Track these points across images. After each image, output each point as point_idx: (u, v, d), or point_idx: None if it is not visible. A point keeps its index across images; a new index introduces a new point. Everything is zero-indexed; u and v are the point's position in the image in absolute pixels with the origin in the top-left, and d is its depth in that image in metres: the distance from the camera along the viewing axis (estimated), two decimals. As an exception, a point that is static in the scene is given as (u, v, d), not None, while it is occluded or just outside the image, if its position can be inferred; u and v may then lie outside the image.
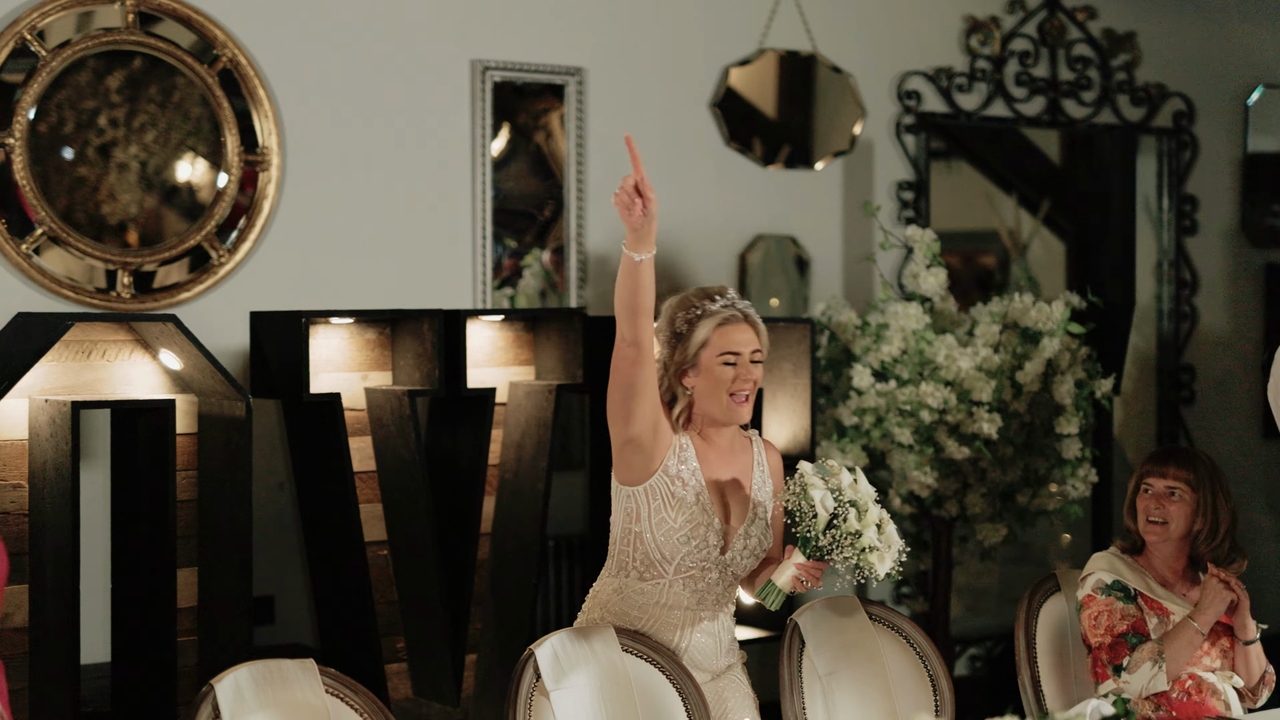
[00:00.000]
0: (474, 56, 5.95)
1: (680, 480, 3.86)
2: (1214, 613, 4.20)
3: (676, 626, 3.92)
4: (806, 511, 3.78)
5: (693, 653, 3.95)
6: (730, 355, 3.85)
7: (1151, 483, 4.37)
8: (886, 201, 6.76)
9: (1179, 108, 7.52)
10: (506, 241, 6.04)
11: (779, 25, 6.52)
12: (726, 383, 3.86)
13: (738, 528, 3.91)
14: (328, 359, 5.13)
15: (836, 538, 3.77)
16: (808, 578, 3.81)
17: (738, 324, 3.88)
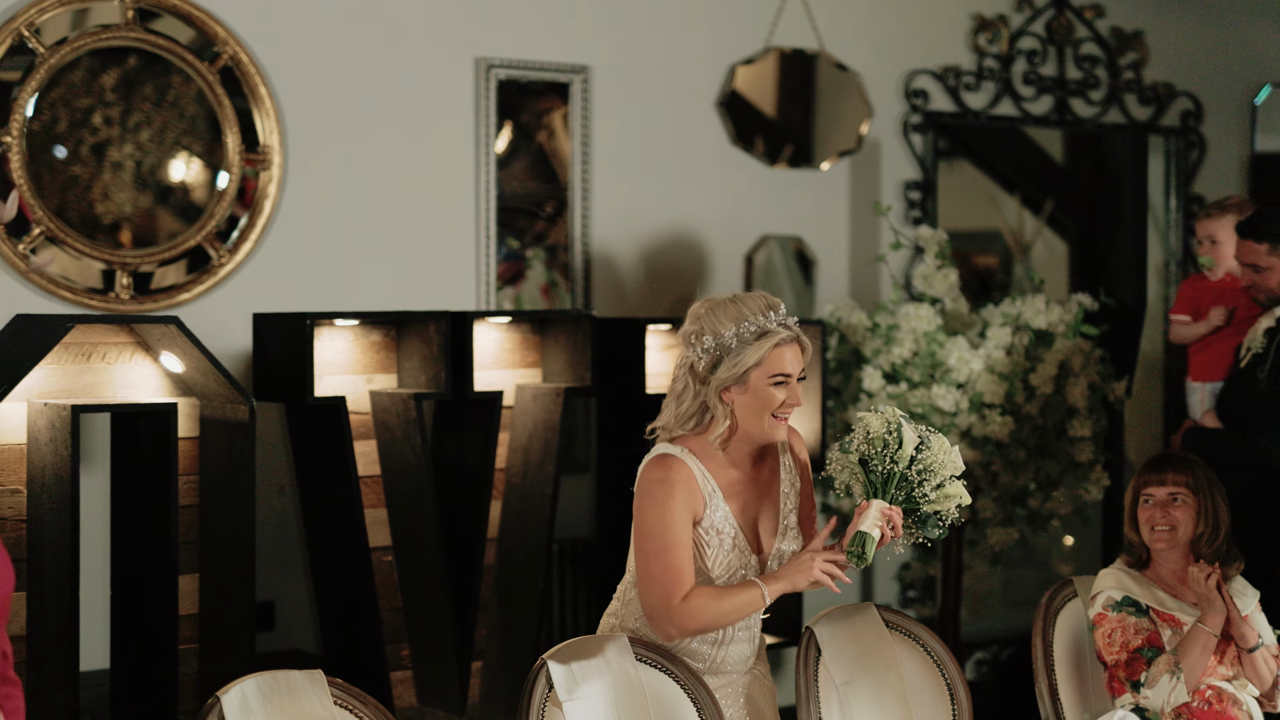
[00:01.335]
0: (478, 54, 5.88)
1: (715, 529, 3.77)
2: (1217, 611, 4.18)
3: (716, 639, 3.86)
4: (892, 442, 3.68)
5: (728, 660, 3.89)
6: (782, 377, 3.73)
7: (1152, 492, 4.36)
8: (893, 202, 6.69)
9: (1187, 107, 7.47)
10: (509, 242, 5.97)
11: (786, 23, 6.46)
12: (774, 404, 3.74)
13: (770, 550, 3.84)
14: (332, 361, 5.07)
15: (926, 465, 3.68)
16: (894, 520, 3.68)
17: (791, 344, 3.74)
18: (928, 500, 3.70)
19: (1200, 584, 4.20)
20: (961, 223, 7.03)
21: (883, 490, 3.70)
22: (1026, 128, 7.23)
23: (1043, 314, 5.92)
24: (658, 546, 3.71)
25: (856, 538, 3.66)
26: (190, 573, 4.84)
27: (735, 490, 3.81)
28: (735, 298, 3.77)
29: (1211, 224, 5.49)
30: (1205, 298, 5.49)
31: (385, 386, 5.18)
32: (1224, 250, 5.45)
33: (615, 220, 6.17)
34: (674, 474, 3.74)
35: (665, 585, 3.69)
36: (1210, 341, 5.44)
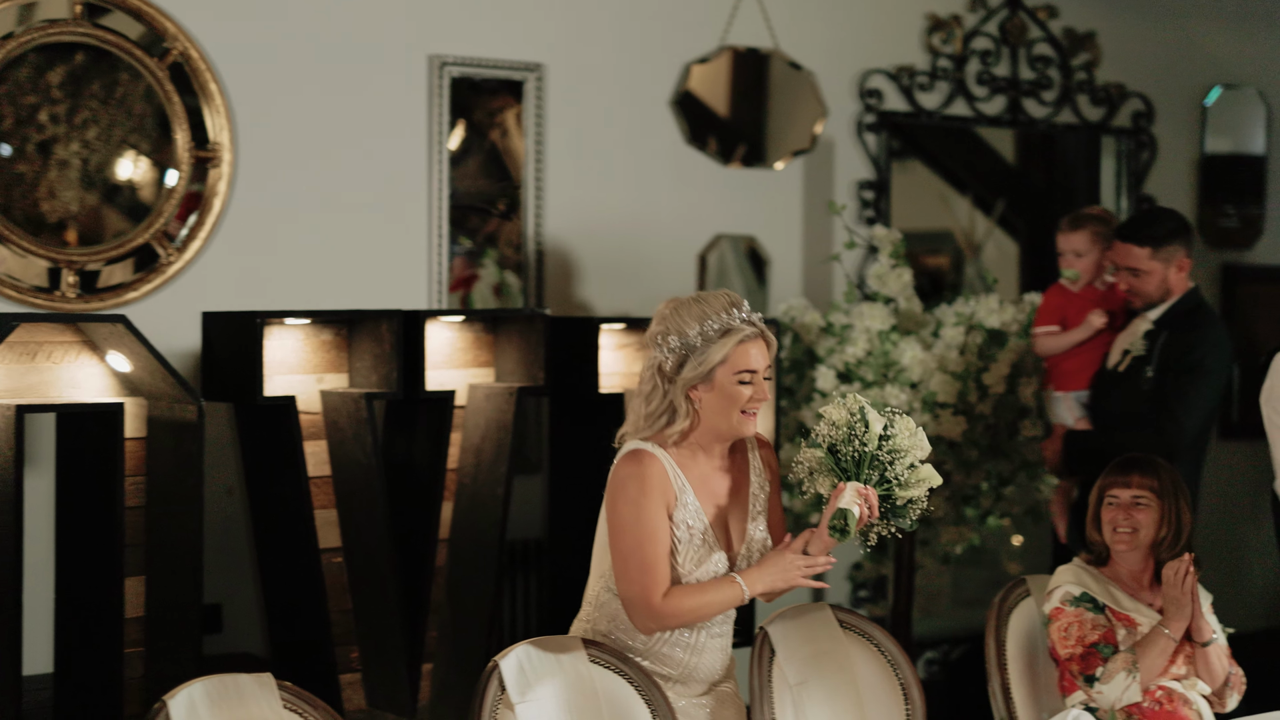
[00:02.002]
0: (431, 52, 5.85)
1: (686, 525, 3.79)
2: (1183, 617, 4.18)
3: (689, 645, 3.86)
4: (856, 425, 3.71)
5: (701, 669, 3.89)
6: (747, 374, 3.75)
7: (1117, 494, 4.37)
8: (847, 201, 6.69)
9: (1138, 108, 7.49)
10: (461, 241, 5.94)
11: (741, 22, 6.44)
12: (741, 401, 3.76)
13: (740, 549, 3.86)
14: (282, 361, 5.02)
15: (894, 445, 3.71)
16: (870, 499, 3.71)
17: (756, 341, 3.77)
18: (900, 483, 3.73)
19: (1175, 586, 4.20)
20: (913, 223, 7.03)
21: (856, 473, 3.72)
22: (979, 128, 7.24)
23: (996, 313, 5.92)
24: (634, 543, 3.73)
25: (838, 514, 3.68)
26: (136, 575, 4.79)
27: (705, 487, 3.82)
28: (698, 297, 3.79)
29: (1075, 237, 5.54)
30: (1072, 308, 5.53)
31: (336, 386, 5.14)
32: (1087, 262, 5.51)
33: (569, 219, 6.14)
34: (647, 468, 3.75)
35: (643, 582, 3.72)
36: (1074, 352, 5.50)
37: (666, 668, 3.87)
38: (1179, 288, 5.31)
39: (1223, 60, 7.77)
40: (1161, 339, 5.24)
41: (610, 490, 3.80)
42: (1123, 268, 5.28)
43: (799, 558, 3.75)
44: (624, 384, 5.65)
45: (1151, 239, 5.23)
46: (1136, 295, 5.31)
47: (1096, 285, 5.56)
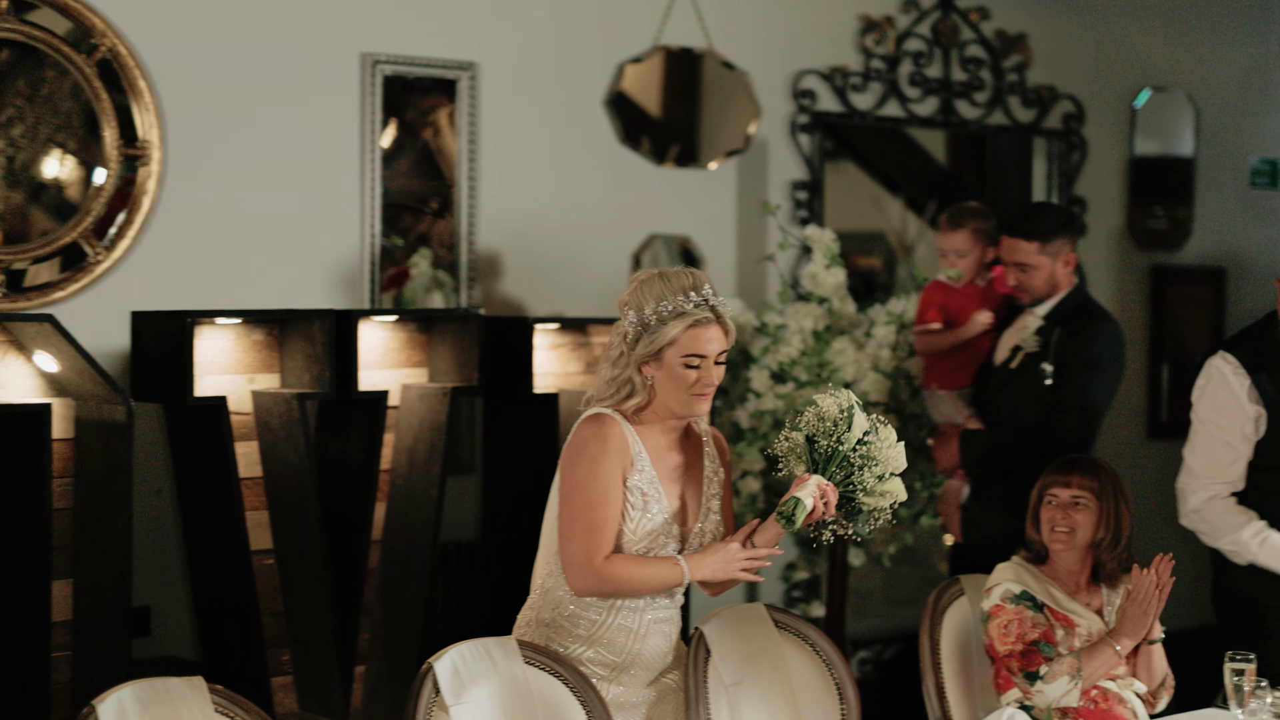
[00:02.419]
0: (364, 50, 5.81)
1: (640, 491, 3.80)
2: (1136, 637, 4.21)
3: (632, 629, 3.86)
4: (842, 422, 3.74)
5: (644, 655, 3.90)
6: (695, 358, 3.77)
7: (1056, 493, 4.38)
8: (781, 201, 6.70)
9: (1069, 110, 7.54)
10: (394, 240, 5.91)
11: (675, 22, 6.44)
12: (688, 383, 3.78)
13: (693, 526, 3.88)
14: (212, 361, 4.97)
15: (869, 451, 3.75)
16: (828, 496, 3.73)
17: (708, 325, 3.77)
18: (865, 490, 3.75)
19: (1141, 608, 4.20)
20: (846, 223, 7.05)
21: (823, 468, 3.75)
22: (912, 129, 7.26)
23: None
24: (585, 502, 3.75)
25: (790, 501, 3.71)
26: (64, 578, 4.73)
27: (661, 459, 3.85)
28: (663, 274, 3.80)
29: (956, 236, 5.54)
30: (954, 305, 5.53)
31: (268, 386, 5.10)
32: (969, 261, 5.53)
33: (502, 219, 6.12)
34: (608, 429, 3.79)
35: (588, 542, 3.74)
36: (956, 349, 5.51)
37: (611, 654, 3.87)
38: (1065, 283, 5.30)
39: (1152, 63, 7.83)
40: (1055, 335, 5.23)
41: (568, 450, 3.81)
42: (1010, 263, 5.27)
43: (740, 550, 3.77)
44: (558, 384, 5.63)
45: (1040, 233, 5.22)
46: (1024, 291, 5.29)
47: (977, 282, 5.56)
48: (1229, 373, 4.65)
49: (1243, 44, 8.12)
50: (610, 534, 3.75)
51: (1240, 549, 4.69)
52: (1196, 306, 8.01)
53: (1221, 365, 4.67)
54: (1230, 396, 4.64)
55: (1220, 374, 4.67)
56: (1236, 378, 4.64)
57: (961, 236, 5.52)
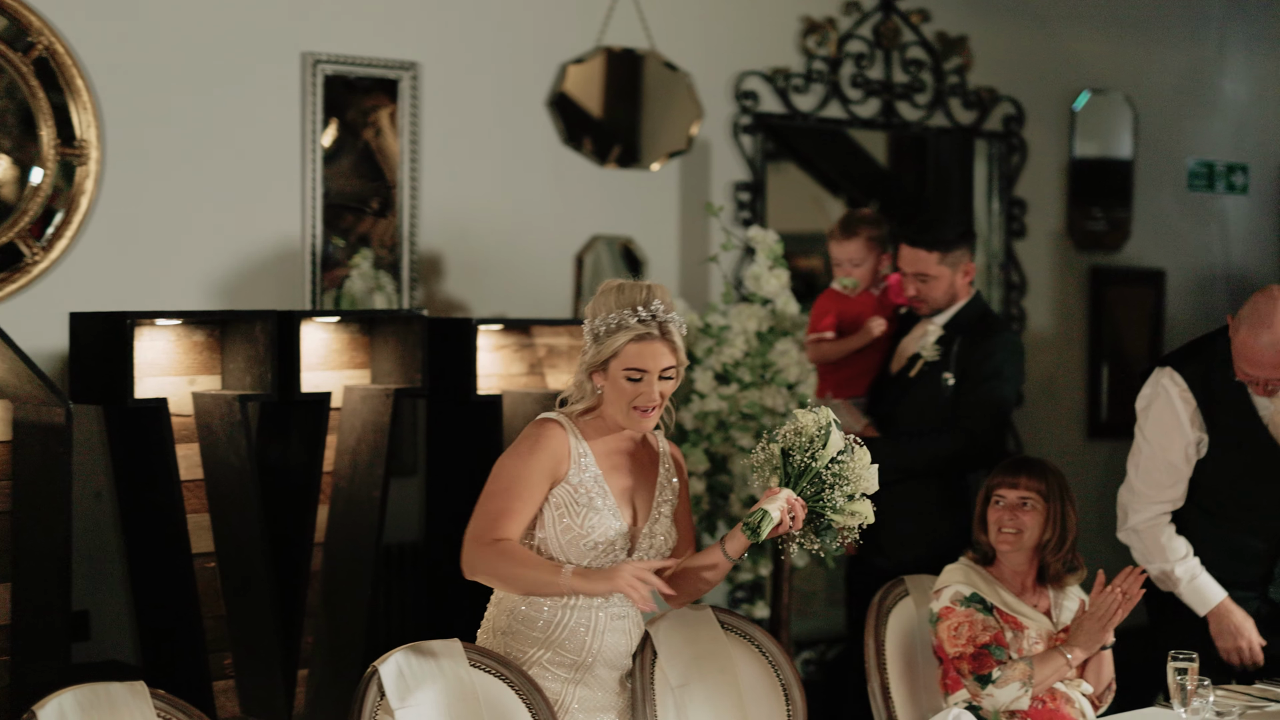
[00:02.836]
0: (305, 49, 5.77)
1: (584, 488, 3.83)
2: (1090, 649, 4.23)
3: (588, 627, 3.87)
4: (818, 439, 3.77)
5: (605, 653, 3.90)
6: (635, 372, 3.80)
7: (1003, 494, 4.39)
8: (723, 202, 6.70)
9: (1009, 111, 7.58)
10: (335, 241, 5.87)
11: (617, 22, 6.43)
12: (628, 397, 3.82)
13: (643, 527, 3.89)
14: (153, 362, 4.93)
15: (841, 470, 3.78)
16: (797, 511, 3.77)
17: (652, 341, 3.80)
18: (834, 508, 3.78)
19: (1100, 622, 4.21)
20: (787, 225, 7.05)
21: (795, 482, 3.79)
22: (853, 130, 7.28)
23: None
24: (498, 488, 3.81)
25: (756, 513, 3.75)
26: (2, 582, 4.68)
27: (612, 462, 3.89)
28: (620, 286, 3.85)
29: (850, 246, 5.49)
30: (849, 314, 5.49)
31: (209, 388, 5.06)
32: (864, 270, 5.48)
33: (445, 220, 6.09)
34: (545, 432, 3.85)
35: (484, 523, 3.79)
36: (851, 358, 5.48)
37: (570, 654, 3.87)
38: (964, 293, 5.29)
39: (1091, 65, 7.88)
40: (956, 345, 5.23)
41: (510, 445, 3.91)
42: (910, 273, 5.25)
43: (632, 564, 3.72)
44: (502, 385, 5.61)
45: (940, 244, 5.21)
46: (923, 301, 5.28)
47: (871, 290, 5.52)
48: (1175, 395, 4.64)
49: (1180, 47, 8.19)
50: (512, 527, 3.77)
51: (1167, 579, 4.73)
52: (1136, 307, 8.07)
53: (1169, 386, 4.66)
54: (1174, 420, 4.65)
55: (1167, 395, 4.66)
56: (1183, 401, 4.64)
57: (856, 245, 5.48)
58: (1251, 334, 4.42)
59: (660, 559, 3.87)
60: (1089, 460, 7.80)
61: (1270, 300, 4.45)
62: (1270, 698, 4.36)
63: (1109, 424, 7.94)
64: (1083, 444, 7.91)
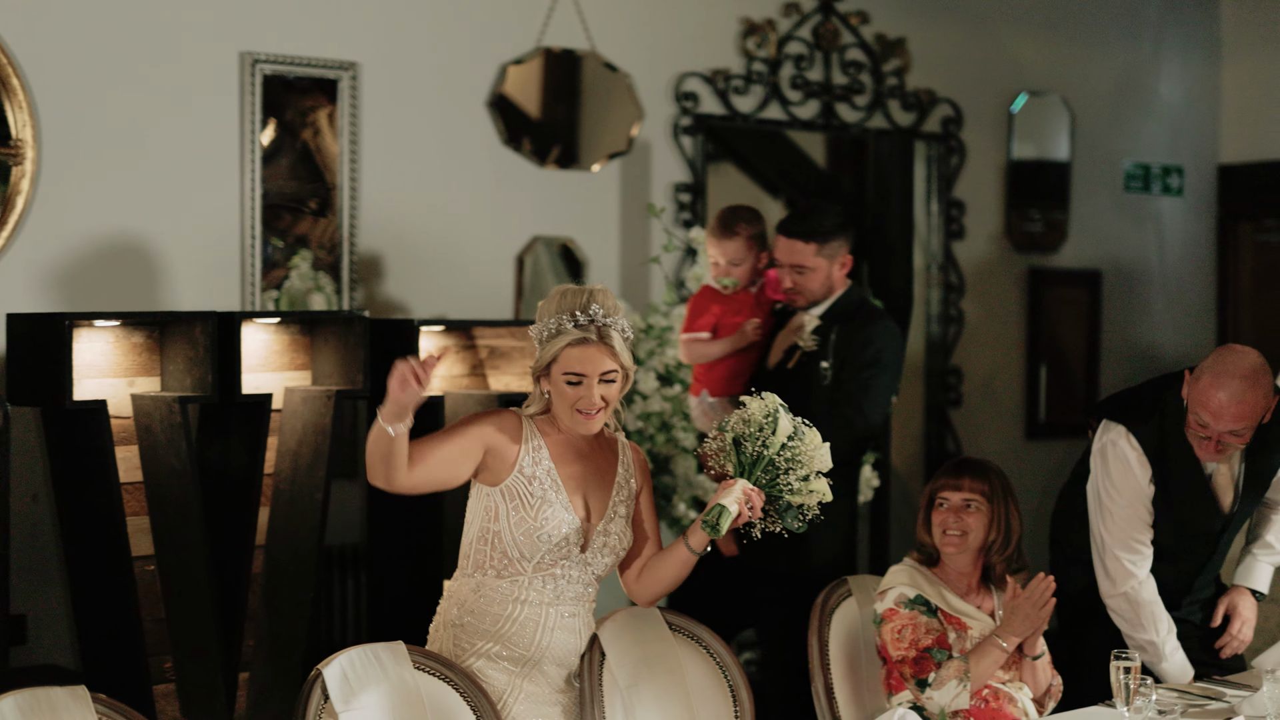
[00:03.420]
0: (243, 49, 5.73)
1: (536, 480, 3.87)
2: (1023, 634, 4.23)
3: (538, 623, 3.89)
4: (767, 426, 3.83)
5: (554, 650, 3.92)
6: (574, 376, 3.85)
7: (947, 496, 4.39)
8: (664, 204, 6.70)
9: (947, 113, 7.61)
10: (273, 242, 5.83)
11: (557, 23, 6.42)
12: (569, 400, 3.87)
13: (597, 525, 3.92)
14: (92, 364, 4.88)
15: (794, 454, 3.82)
16: (754, 501, 3.83)
17: (590, 345, 3.84)
18: (790, 490, 3.84)
19: (1034, 606, 4.23)
20: (729, 226, 7.06)
21: (749, 472, 3.84)
22: (793, 131, 7.30)
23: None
24: (446, 429, 3.89)
25: (714, 509, 3.81)
26: (-61, 586, 4.62)
27: (566, 458, 3.93)
28: (562, 292, 3.90)
29: (730, 245, 5.32)
30: (727, 314, 5.38)
31: (148, 390, 5.01)
32: (744, 269, 5.34)
33: (385, 221, 6.06)
34: (502, 411, 3.95)
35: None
36: (727, 357, 5.35)
37: (519, 649, 3.88)
38: (840, 285, 5.23)
39: (1028, 68, 7.93)
40: (834, 334, 5.18)
41: None
42: (786, 265, 5.18)
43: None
44: (443, 387, 5.59)
45: (818, 234, 5.15)
46: (800, 293, 5.21)
47: (749, 289, 5.41)
48: (1134, 461, 4.61)
49: (1116, 51, 8.25)
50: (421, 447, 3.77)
51: (1151, 649, 4.66)
52: (1073, 308, 8.13)
53: (1127, 450, 4.62)
54: (1135, 484, 4.62)
55: (1125, 460, 4.63)
56: (1140, 467, 4.61)
57: (736, 244, 5.34)
58: (1214, 383, 4.44)
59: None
60: (1028, 460, 7.85)
61: (1235, 354, 4.49)
62: (1211, 695, 4.40)
63: (1047, 424, 8.00)
64: (1021, 444, 7.96)
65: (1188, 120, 8.56)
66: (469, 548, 3.94)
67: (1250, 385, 4.41)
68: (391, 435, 3.65)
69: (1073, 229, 8.11)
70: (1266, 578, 4.90)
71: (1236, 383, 4.42)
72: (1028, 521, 7.34)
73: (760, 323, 5.33)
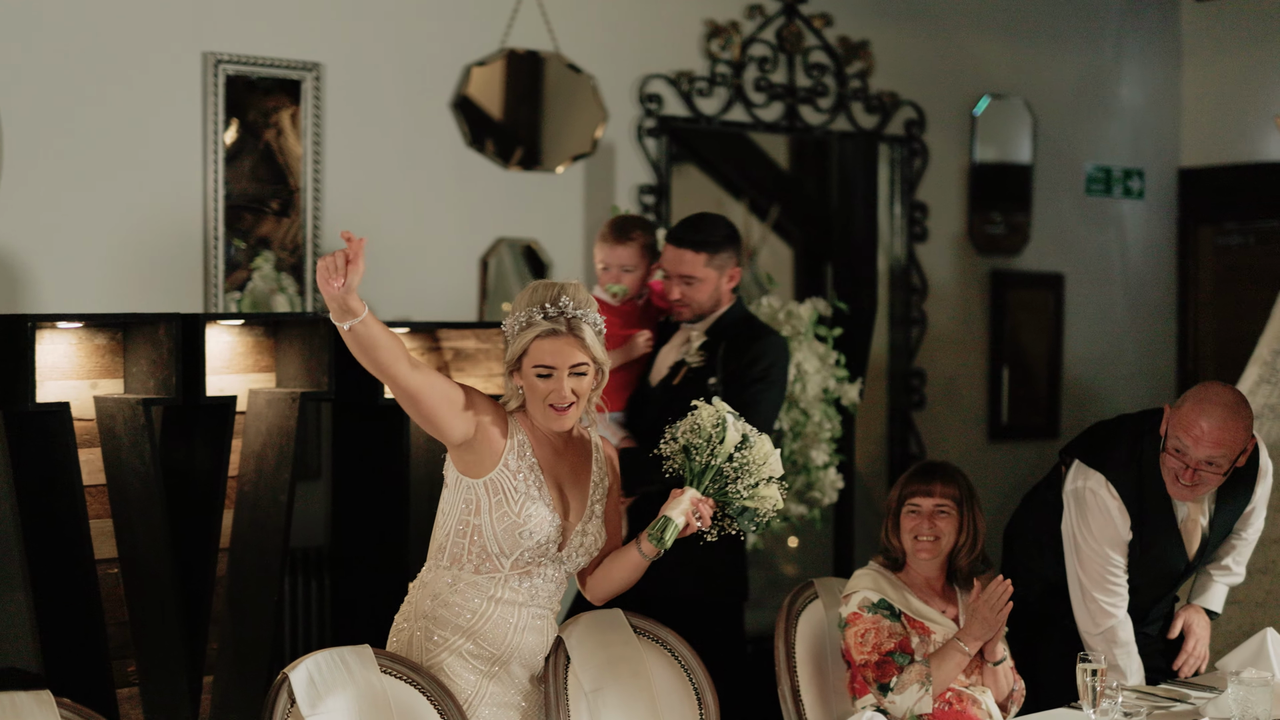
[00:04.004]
0: (206, 49, 5.71)
1: (521, 475, 3.85)
2: (984, 637, 4.25)
3: (511, 623, 3.89)
4: (714, 435, 3.82)
5: (522, 650, 3.91)
6: (544, 369, 3.83)
7: (919, 503, 4.41)
8: (628, 205, 6.70)
9: (910, 116, 7.63)
10: (236, 243, 5.81)
11: (521, 25, 6.41)
12: (540, 394, 3.85)
13: (576, 524, 3.92)
14: (54, 366, 4.84)
15: (743, 463, 3.82)
16: (702, 512, 3.83)
17: (559, 337, 3.82)
18: (741, 497, 3.83)
19: (992, 609, 4.24)
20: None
21: (699, 480, 3.83)
22: (757, 134, 7.30)
23: (779, 316, 5.96)
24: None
25: (660, 521, 3.80)
26: (-101, 590, 4.59)
27: (546, 457, 3.92)
28: (535, 286, 3.90)
29: (624, 251, 5.21)
30: (613, 326, 5.12)
31: (111, 392, 4.98)
32: (635, 277, 5.24)
33: (348, 222, 6.04)
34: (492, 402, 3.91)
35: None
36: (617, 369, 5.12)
37: (490, 647, 3.88)
38: (727, 299, 5.15)
39: (991, 71, 7.96)
40: (721, 349, 5.10)
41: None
42: (675, 275, 5.10)
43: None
44: (408, 389, 5.56)
45: (709, 244, 5.07)
46: (687, 305, 5.12)
47: (634, 300, 5.30)
48: (1115, 510, 4.62)
49: (1077, 53, 8.29)
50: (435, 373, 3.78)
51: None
52: (1035, 311, 8.16)
53: (1108, 501, 4.62)
54: (1115, 532, 4.63)
55: (1105, 510, 4.63)
56: (1121, 515, 4.62)
57: (629, 251, 5.21)
58: (1197, 409, 4.47)
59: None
60: (990, 462, 7.87)
61: (1218, 387, 4.54)
62: (1175, 698, 4.43)
63: (1010, 426, 8.03)
64: (984, 446, 7.99)
65: (1148, 123, 8.60)
66: (445, 540, 3.91)
67: (1233, 414, 4.46)
68: (349, 330, 3.59)
69: (1035, 232, 8.14)
70: (1221, 598, 4.96)
71: (1219, 410, 4.46)
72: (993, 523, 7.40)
73: (651, 335, 5.24)
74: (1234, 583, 4.96)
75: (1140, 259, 8.60)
